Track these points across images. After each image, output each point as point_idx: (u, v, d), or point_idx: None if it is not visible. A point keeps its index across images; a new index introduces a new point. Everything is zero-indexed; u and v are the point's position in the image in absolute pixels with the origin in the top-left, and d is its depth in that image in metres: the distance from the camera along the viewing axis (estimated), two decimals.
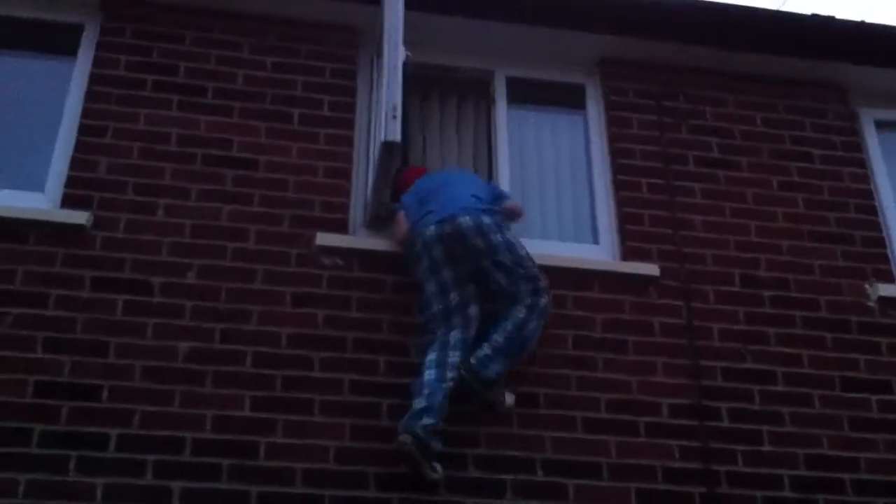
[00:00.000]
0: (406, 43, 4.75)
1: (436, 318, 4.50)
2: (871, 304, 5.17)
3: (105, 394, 4.28)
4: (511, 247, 4.58)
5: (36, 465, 4.09)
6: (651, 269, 5.06)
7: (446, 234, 4.54)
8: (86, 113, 4.95)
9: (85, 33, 5.26)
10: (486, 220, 4.57)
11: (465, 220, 4.54)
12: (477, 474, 4.40)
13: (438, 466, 4.28)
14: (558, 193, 5.56)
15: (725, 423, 4.72)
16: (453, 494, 4.33)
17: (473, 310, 4.54)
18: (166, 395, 4.32)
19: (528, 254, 4.61)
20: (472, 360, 4.41)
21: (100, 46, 5.15)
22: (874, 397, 4.90)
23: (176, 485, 4.14)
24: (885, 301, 5.17)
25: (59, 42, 5.26)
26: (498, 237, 4.56)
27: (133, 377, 4.34)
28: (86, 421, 4.21)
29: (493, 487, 4.38)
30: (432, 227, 4.57)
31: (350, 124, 5.21)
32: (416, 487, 4.29)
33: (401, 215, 4.81)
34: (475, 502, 4.33)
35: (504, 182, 5.35)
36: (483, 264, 4.54)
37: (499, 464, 4.43)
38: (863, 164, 5.67)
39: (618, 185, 5.36)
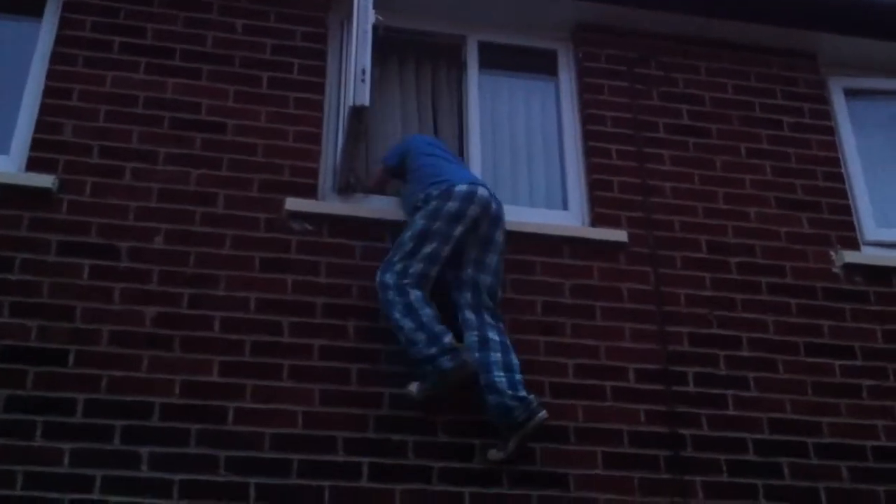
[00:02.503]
0: (377, 7, 4.73)
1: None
2: (835, 270, 5.23)
3: (72, 359, 4.27)
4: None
5: (3, 431, 4.08)
6: (620, 236, 5.08)
7: (490, 210, 4.58)
8: (51, 75, 4.89)
9: None
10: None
11: (502, 209, 4.67)
12: (446, 439, 4.43)
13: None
14: (529, 159, 5.56)
15: (691, 388, 4.78)
16: (422, 459, 4.37)
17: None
18: (134, 359, 4.31)
19: None
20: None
21: (66, 7, 5.07)
22: (837, 362, 4.97)
23: (144, 450, 4.14)
24: (849, 268, 5.23)
25: (25, 3, 5.17)
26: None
27: (100, 342, 4.32)
28: (53, 386, 4.20)
29: (462, 451, 4.42)
30: (485, 193, 4.59)
31: (320, 88, 5.17)
32: (385, 452, 4.33)
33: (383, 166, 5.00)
34: (444, 465, 4.37)
35: (475, 147, 5.35)
36: (486, 256, 4.57)
37: (468, 428, 4.46)
38: (831, 131, 5.70)
39: (588, 152, 5.37)
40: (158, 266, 4.53)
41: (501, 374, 4.36)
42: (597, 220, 5.16)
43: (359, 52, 4.56)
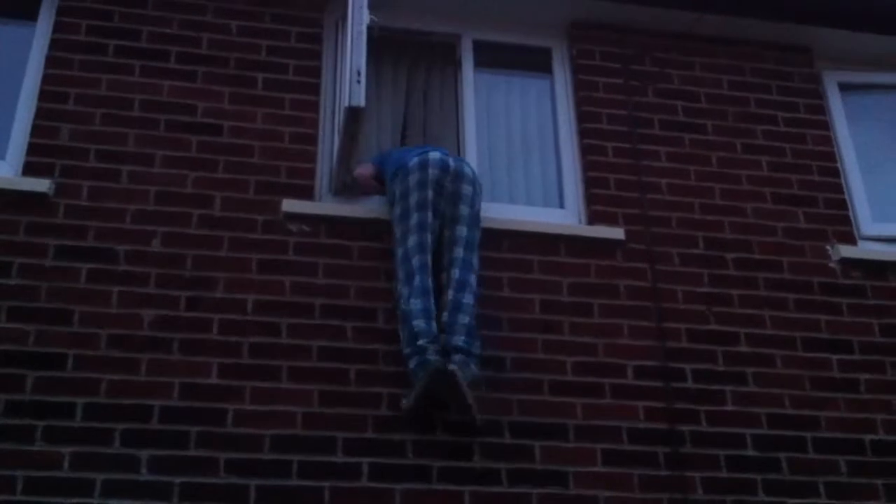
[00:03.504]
0: (372, 7, 4.72)
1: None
2: (832, 265, 5.24)
3: (70, 363, 4.27)
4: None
5: (2, 436, 4.07)
6: (616, 233, 5.08)
7: (449, 167, 4.69)
8: (47, 79, 4.89)
9: None
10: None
11: (465, 166, 4.80)
12: (445, 437, 4.44)
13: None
14: (525, 158, 5.56)
15: (690, 384, 4.78)
16: (421, 458, 4.37)
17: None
18: (132, 363, 4.31)
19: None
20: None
21: (60, 11, 5.07)
22: (835, 357, 4.98)
23: (144, 453, 4.14)
24: (846, 262, 5.23)
25: (20, 7, 5.17)
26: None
27: (98, 346, 4.32)
28: (51, 390, 4.20)
29: (461, 450, 4.42)
30: (437, 154, 4.71)
31: (316, 89, 5.18)
32: (384, 452, 4.33)
33: (369, 165, 5.04)
34: (443, 465, 4.37)
35: (471, 146, 5.35)
36: (458, 209, 4.67)
37: (466, 427, 4.46)
38: (826, 126, 5.70)
39: (584, 149, 5.37)
40: (156, 269, 4.53)
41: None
42: (593, 218, 5.17)
43: (354, 52, 4.55)
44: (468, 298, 4.51)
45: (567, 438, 4.54)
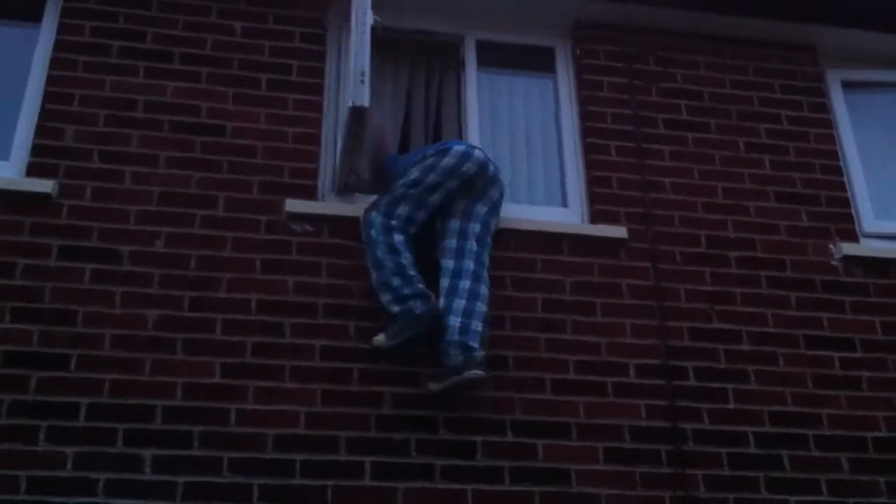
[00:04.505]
0: (375, 7, 4.73)
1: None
2: (835, 263, 5.24)
3: (74, 363, 4.29)
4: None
5: (6, 436, 4.10)
6: (619, 232, 5.09)
7: (489, 169, 4.76)
8: (51, 80, 4.91)
9: None
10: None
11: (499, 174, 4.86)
12: (448, 436, 4.45)
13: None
14: (528, 157, 5.57)
15: (692, 382, 4.79)
16: (424, 456, 4.38)
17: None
18: (136, 363, 4.34)
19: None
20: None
21: (65, 12, 5.09)
22: (837, 355, 4.98)
23: (147, 452, 4.17)
24: (848, 260, 5.23)
25: (24, 8, 5.20)
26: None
27: (102, 346, 4.34)
28: (55, 390, 4.22)
29: (464, 449, 4.43)
30: (481, 153, 4.77)
31: (319, 89, 5.19)
32: (387, 451, 4.35)
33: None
34: (445, 463, 4.39)
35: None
36: (476, 206, 4.73)
37: (469, 426, 4.48)
38: (829, 124, 5.70)
39: (587, 149, 5.38)
40: (159, 269, 4.55)
41: (458, 318, 4.45)
42: (596, 217, 5.17)
43: (357, 53, 4.57)
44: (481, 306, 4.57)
45: (570, 437, 4.56)
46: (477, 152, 4.76)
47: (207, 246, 4.65)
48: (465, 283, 4.56)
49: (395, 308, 4.47)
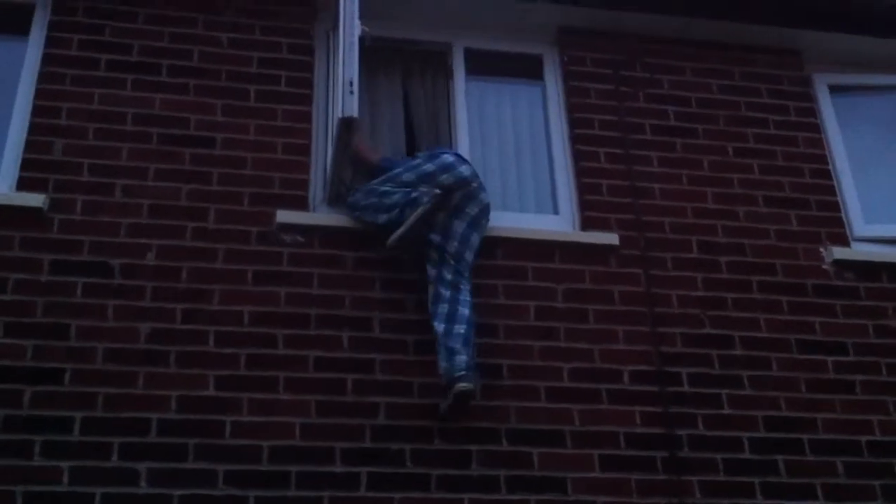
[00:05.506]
0: (363, 17, 4.74)
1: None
2: (826, 267, 5.26)
3: (67, 377, 4.27)
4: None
5: (1, 451, 4.08)
6: (610, 239, 5.10)
7: (470, 185, 4.75)
8: (39, 94, 4.89)
9: (36, 13, 5.18)
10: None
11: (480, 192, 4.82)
12: (443, 446, 4.45)
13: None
14: (518, 165, 5.58)
15: (686, 388, 4.80)
16: (419, 466, 4.38)
17: None
18: (129, 376, 4.32)
19: None
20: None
21: (52, 26, 5.08)
22: (830, 358, 5.00)
23: (142, 466, 4.14)
24: (839, 264, 5.26)
25: (11, 22, 5.18)
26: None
27: (95, 360, 4.33)
28: (49, 405, 4.20)
29: (459, 458, 4.43)
30: (467, 169, 4.78)
31: (308, 100, 5.19)
32: (383, 461, 4.34)
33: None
34: (441, 473, 4.38)
35: (464, 154, 5.32)
36: (453, 224, 4.70)
37: (464, 435, 4.48)
38: (817, 128, 5.73)
39: (576, 155, 5.39)
40: (151, 282, 4.53)
41: (441, 340, 4.45)
42: (587, 224, 5.18)
43: (346, 63, 4.58)
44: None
45: (565, 444, 4.56)
46: (463, 167, 4.75)
47: (199, 258, 4.64)
48: (443, 308, 4.53)
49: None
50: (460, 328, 4.45)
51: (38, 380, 4.24)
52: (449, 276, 4.59)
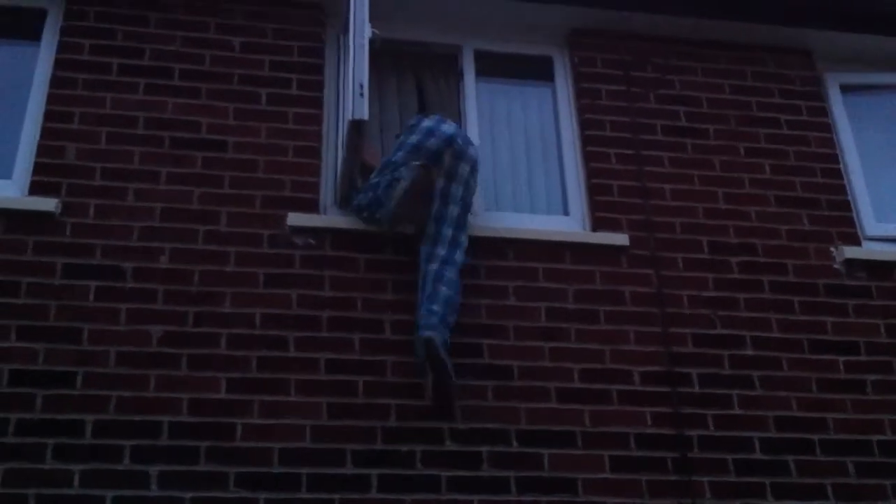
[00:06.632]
0: (373, 19, 4.76)
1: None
2: (837, 266, 5.24)
3: (80, 380, 4.30)
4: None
5: (14, 455, 4.11)
6: (621, 239, 5.10)
7: (457, 143, 4.76)
8: (51, 99, 4.93)
9: (48, 18, 5.21)
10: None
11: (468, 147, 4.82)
12: (453, 447, 4.46)
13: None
14: (528, 166, 5.58)
15: (696, 389, 4.79)
16: (430, 468, 4.39)
17: None
18: (141, 379, 4.35)
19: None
20: None
21: (64, 31, 5.11)
22: (841, 358, 4.98)
23: (154, 469, 4.17)
24: (850, 263, 5.24)
25: (23, 27, 5.22)
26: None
27: (107, 363, 4.36)
28: (61, 408, 4.23)
29: (469, 460, 4.44)
30: (450, 128, 4.79)
31: (318, 103, 5.21)
32: (394, 463, 4.36)
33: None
34: (451, 475, 4.39)
35: None
36: (451, 188, 4.75)
37: (474, 436, 4.49)
38: (828, 128, 5.71)
39: (587, 157, 5.39)
40: (163, 285, 4.56)
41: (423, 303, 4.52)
42: (598, 225, 5.18)
43: (356, 66, 4.59)
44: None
45: (575, 445, 4.56)
46: (444, 126, 4.77)
47: (210, 261, 4.66)
48: (433, 267, 4.59)
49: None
50: (436, 306, 4.48)
51: (50, 383, 4.28)
52: (442, 253, 4.62)
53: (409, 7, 5.54)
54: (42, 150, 4.79)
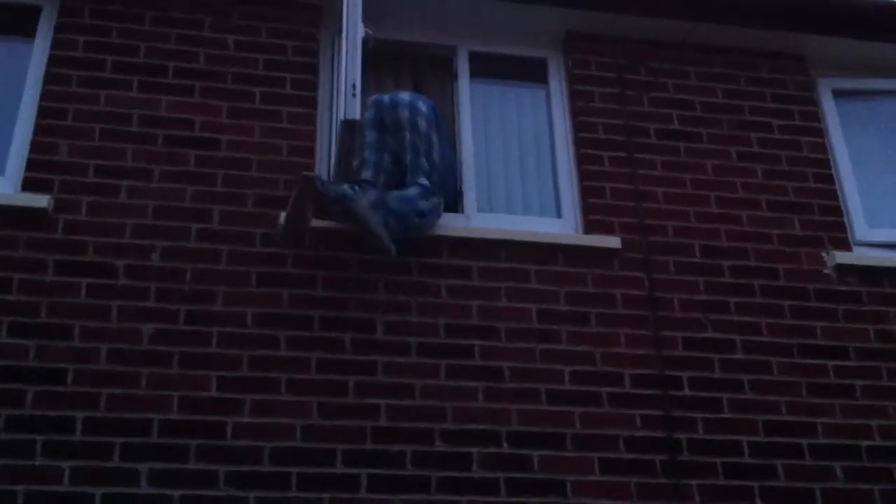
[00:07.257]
0: (367, 20, 4.76)
1: None
2: (828, 271, 5.26)
3: (70, 377, 4.30)
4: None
5: (3, 451, 4.11)
6: (613, 242, 5.11)
7: (384, 101, 5.12)
8: (45, 95, 4.92)
9: (43, 14, 5.21)
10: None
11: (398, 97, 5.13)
12: (443, 448, 4.46)
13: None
14: (522, 168, 5.59)
15: (686, 392, 4.81)
16: (420, 469, 4.39)
17: None
18: (132, 377, 4.34)
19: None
20: None
21: (58, 28, 5.11)
22: (831, 363, 5.00)
23: (143, 466, 4.17)
24: (841, 268, 5.26)
25: (17, 24, 5.21)
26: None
27: (98, 360, 4.35)
28: (52, 405, 4.23)
29: (460, 461, 4.44)
30: (381, 96, 5.18)
31: (312, 102, 5.21)
32: (383, 463, 4.36)
33: None
34: (441, 475, 4.39)
35: (468, 156, 5.38)
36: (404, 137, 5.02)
37: (464, 437, 4.49)
38: (821, 133, 5.73)
39: (580, 159, 5.40)
40: (155, 283, 4.56)
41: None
42: (590, 227, 5.20)
43: (349, 66, 4.60)
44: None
45: (565, 447, 4.57)
46: (376, 96, 5.12)
47: (203, 259, 4.66)
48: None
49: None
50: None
51: (40, 380, 4.27)
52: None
53: (405, 8, 5.55)
54: (35, 146, 4.79)
